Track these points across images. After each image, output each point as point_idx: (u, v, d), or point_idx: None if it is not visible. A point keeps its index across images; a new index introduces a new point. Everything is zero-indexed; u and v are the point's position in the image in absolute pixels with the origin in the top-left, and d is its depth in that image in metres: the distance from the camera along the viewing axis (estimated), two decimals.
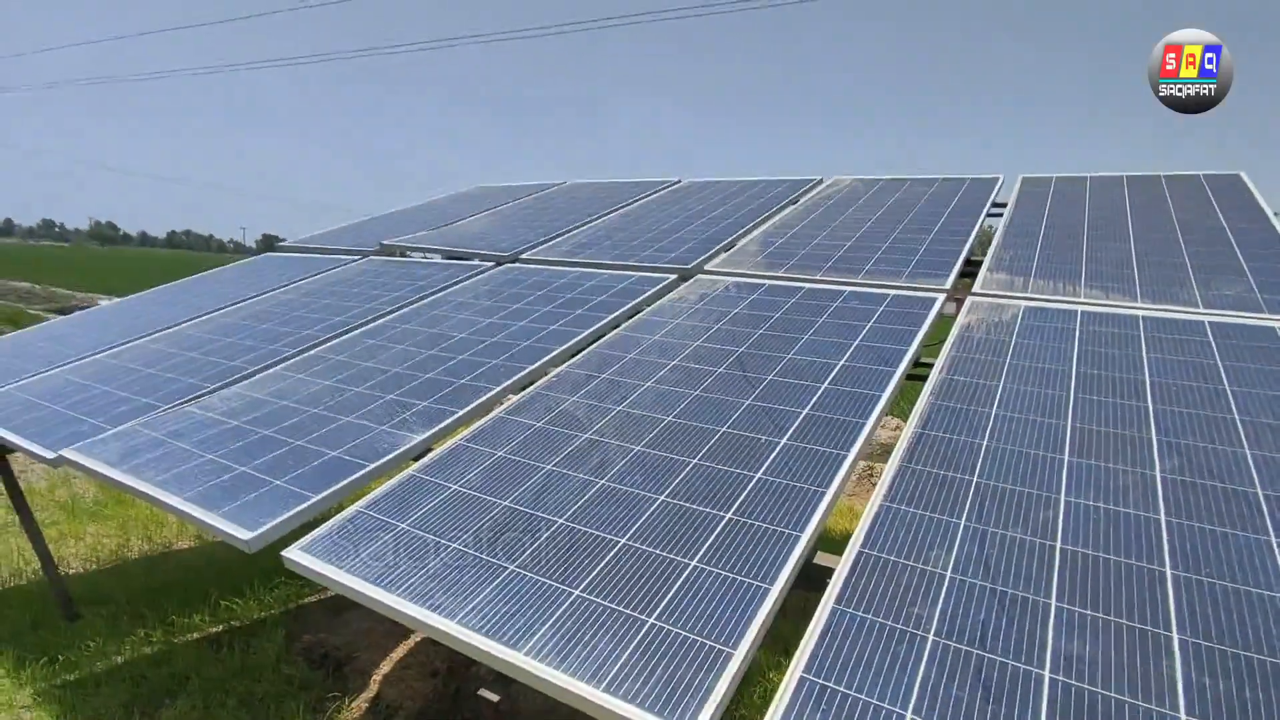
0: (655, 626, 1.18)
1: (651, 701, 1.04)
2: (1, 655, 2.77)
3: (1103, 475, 1.43)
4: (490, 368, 2.29)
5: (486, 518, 1.53)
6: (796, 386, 1.93)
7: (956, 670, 1.04)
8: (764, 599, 1.20)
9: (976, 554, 1.26)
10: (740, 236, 3.38)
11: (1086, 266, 2.54)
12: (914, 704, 0.99)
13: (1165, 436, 1.54)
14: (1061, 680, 1.00)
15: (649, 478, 1.59)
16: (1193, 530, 1.26)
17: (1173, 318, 2.09)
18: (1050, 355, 1.95)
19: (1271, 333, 1.94)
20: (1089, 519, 1.31)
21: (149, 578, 3.50)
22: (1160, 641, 1.05)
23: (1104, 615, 1.10)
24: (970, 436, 1.61)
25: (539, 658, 1.15)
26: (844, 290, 2.59)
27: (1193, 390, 1.70)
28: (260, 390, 2.35)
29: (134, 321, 3.42)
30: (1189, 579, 1.16)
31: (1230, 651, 1.02)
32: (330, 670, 2.80)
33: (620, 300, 2.74)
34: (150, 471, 1.86)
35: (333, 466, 1.79)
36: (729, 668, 1.08)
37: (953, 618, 1.13)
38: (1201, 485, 1.37)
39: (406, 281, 3.42)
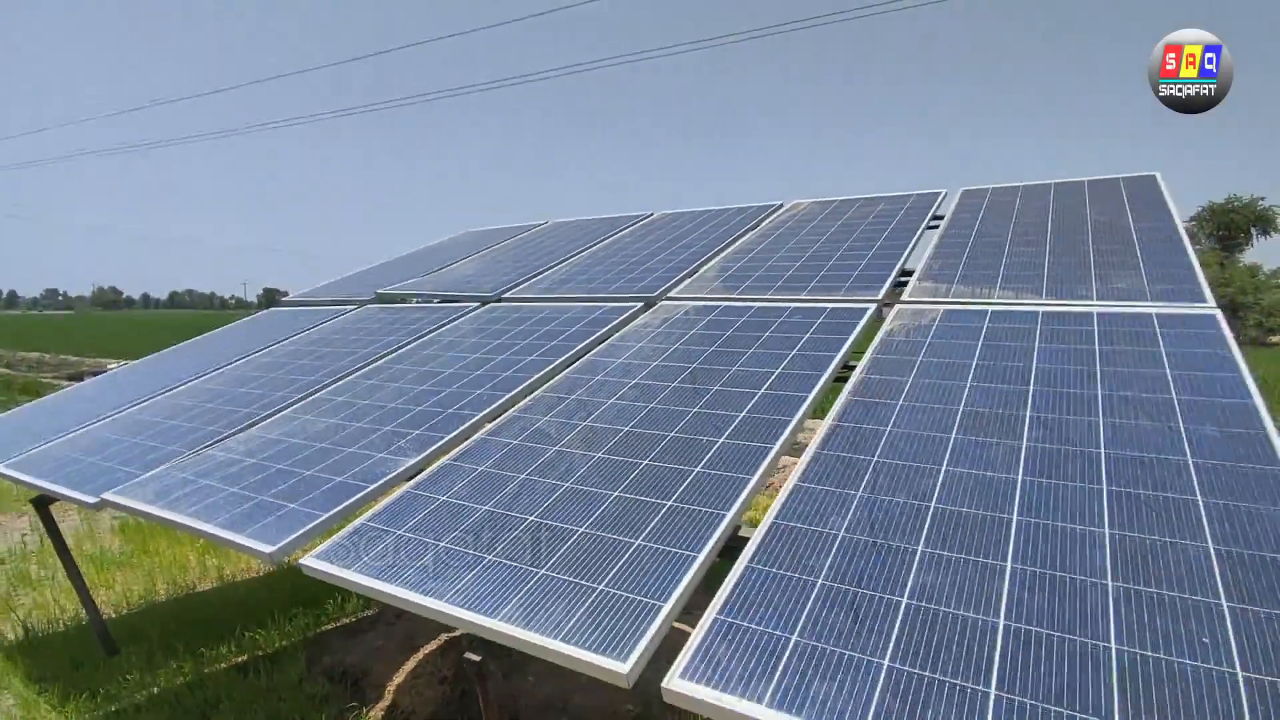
0: (604, 592, 1.46)
1: (598, 646, 1.32)
2: (48, 692, 3.03)
3: (978, 448, 1.71)
4: (474, 397, 2.58)
5: (470, 520, 1.81)
6: (737, 394, 2.22)
7: (835, 603, 1.31)
8: (691, 564, 1.48)
9: (865, 517, 1.53)
10: (702, 264, 3.70)
11: (1004, 271, 2.83)
12: (798, 629, 1.26)
13: (1037, 413, 1.82)
14: (915, 603, 1.28)
15: (606, 478, 1.88)
16: (1043, 485, 1.54)
17: (1068, 311, 2.38)
18: (957, 352, 2.23)
19: (1148, 318, 2.23)
20: (960, 483, 1.59)
21: (177, 617, 3.76)
22: (996, 570, 1.32)
23: (956, 554, 1.38)
24: (876, 424, 1.89)
25: (511, 622, 1.42)
26: (788, 307, 2.89)
27: (1069, 373, 1.99)
28: (273, 432, 2.64)
29: (155, 379, 3.73)
30: (1030, 522, 1.43)
31: (1051, 574, 1.30)
32: (349, 685, 3.05)
33: (590, 329, 3.04)
34: (183, 505, 2.15)
35: (339, 489, 2.08)
36: (658, 616, 1.35)
37: (838, 566, 1.40)
38: (1057, 450, 1.65)
39: (399, 326, 3.74)
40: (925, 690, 1.11)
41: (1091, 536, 1.37)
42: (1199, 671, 1.06)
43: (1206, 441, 1.59)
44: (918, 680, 1.13)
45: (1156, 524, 1.37)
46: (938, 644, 1.19)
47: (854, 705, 1.10)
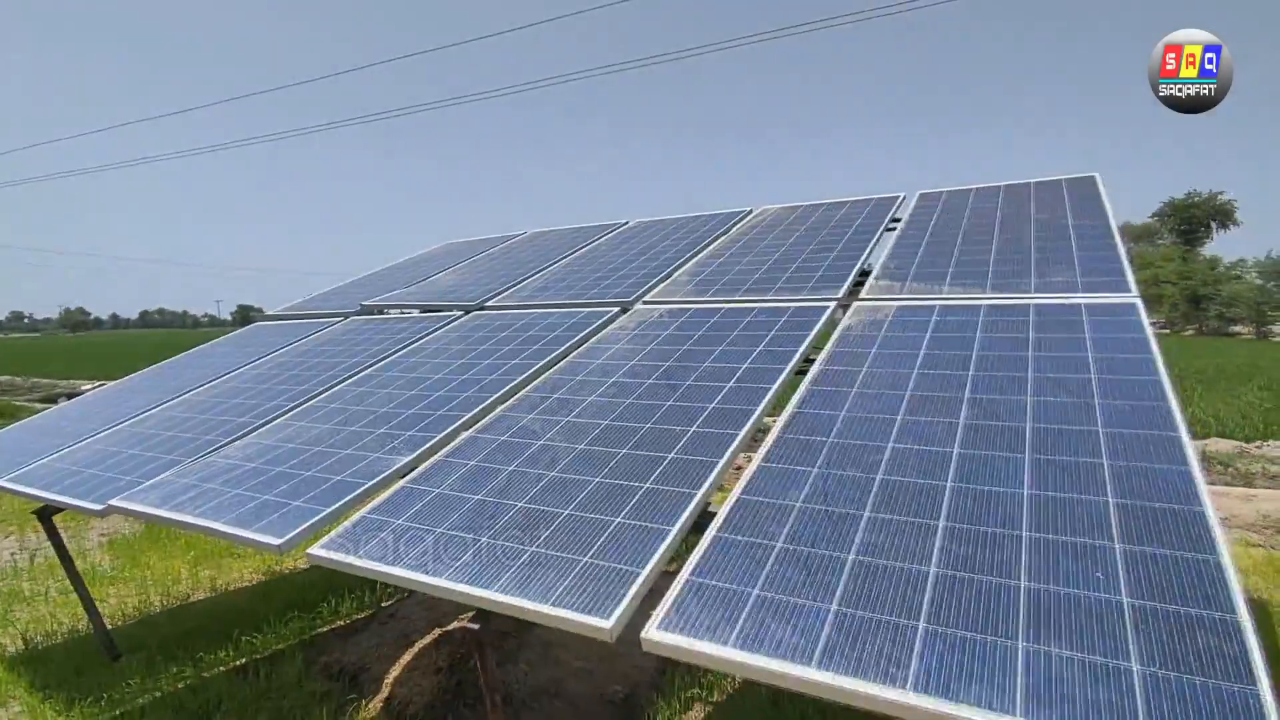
0: (588, 563, 1.63)
1: (584, 608, 1.49)
2: (53, 698, 3.12)
3: (920, 427, 1.91)
4: (462, 399, 2.74)
5: (464, 509, 1.97)
6: (707, 388, 2.40)
7: (789, 562, 1.49)
8: (665, 536, 1.66)
9: (819, 489, 1.72)
10: (675, 269, 3.89)
11: (953, 268, 3.06)
12: (759, 585, 1.44)
13: (973, 394, 2.02)
14: (859, 559, 1.46)
15: (588, 466, 2.05)
16: (972, 456, 1.74)
17: (1008, 304, 2.60)
18: (906, 344, 2.44)
19: (1077, 308, 2.45)
20: (903, 457, 1.79)
21: (174, 626, 3.85)
22: (930, 528, 1.52)
23: (896, 517, 1.57)
24: (831, 410, 2.08)
25: (506, 593, 1.59)
26: (755, 307, 3.09)
27: (1003, 359, 2.20)
28: (270, 438, 2.78)
29: (146, 394, 3.83)
30: (960, 488, 1.63)
31: (975, 529, 1.49)
32: (347, 682, 3.18)
33: (570, 334, 3.21)
34: (190, 507, 2.28)
35: (339, 487, 2.22)
36: (636, 581, 1.53)
37: (794, 531, 1.59)
38: (988, 426, 1.85)
39: (386, 336, 3.88)
40: (865, 627, 1.29)
41: (1012, 497, 1.57)
42: (1092, 599, 1.26)
43: (1116, 413, 1.80)
44: (859, 619, 1.31)
45: (1067, 483, 1.57)
46: (877, 591, 1.37)
47: (805, 641, 1.28)
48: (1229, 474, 6.12)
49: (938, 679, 1.17)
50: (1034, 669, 1.15)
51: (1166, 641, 1.16)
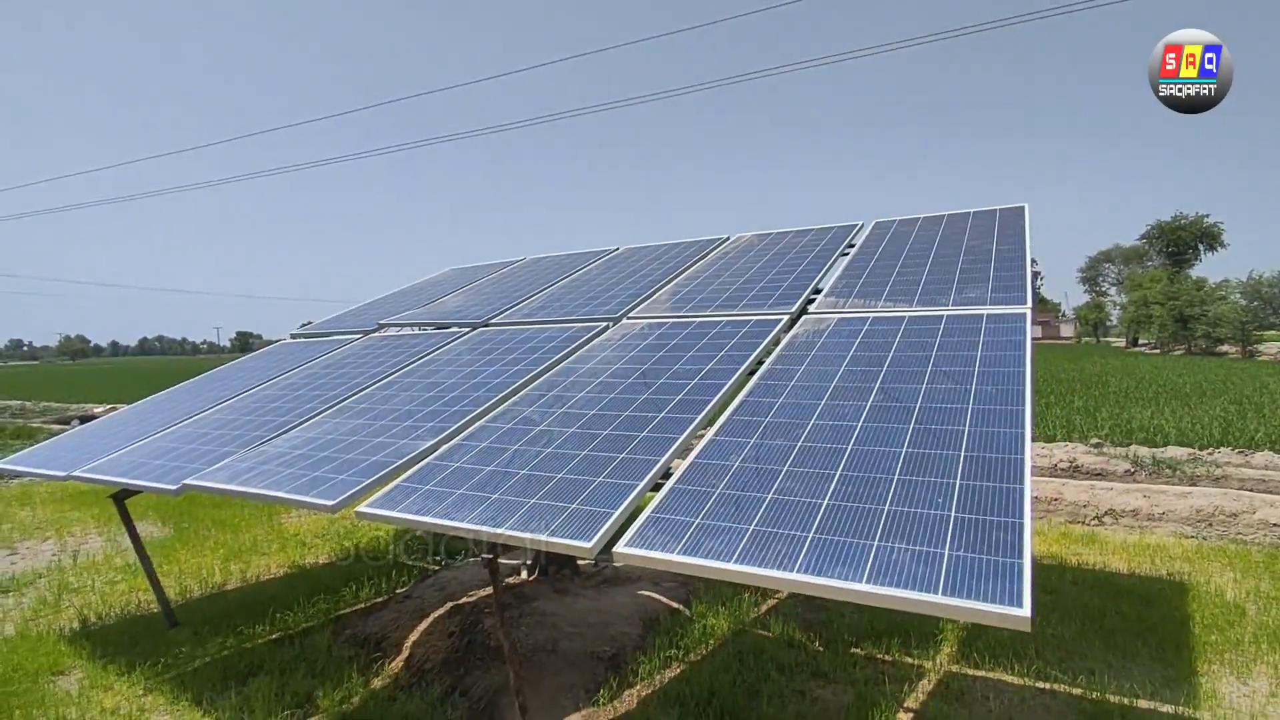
0: (575, 509, 2.14)
1: (572, 536, 2.00)
2: (115, 662, 3.59)
3: (838, 408, 2.43)
4: (473, 398, 3.26)
5: (478, 476, 2.48)
6: (676, 385, 2.93)
7: (724, 502, 2.01)
8: (631, 490, 2.18)
9: (754, 453, 2.24)
10: (657, 289, 4.44)
11: (890, 287, 3.60)
12: (700, 516, 1.96)
13: (883, 384, 2.55)
14: (775, 497, 1.98)
15: (577, 444, 2.57)
16: (872, 428, 2.26)
17: (927, 315, 3.14)
18: (839, 347, 2.97)
19: (980, 318, 2.99)
20: (821, 430, 2.31)
21: (213, 607, 4.32)
22: (830, 476, 2.03)
23: (808, 469, 2.09)
24: (771, 398, 2.61)
25: (510, 529, 2.10)
26: (722, 320, 3.63)
27: (913, 358, 2.73)
28: (312, 432, 3.30)
29: (189, 403, 4.35)
30: (859, 449, 2.15)
31: (862, 475, 2.01)
32: (370, 648, 3.65)
33: (564, 345, 3.75)
34: (255, 483, 2.79)
35: (376, 464, 2.73)
36: (610, 518, 2.04)
37: (732, 482, 2.11)
38: (888, 406, 2.38)
39: (403, 350, 4.41)
40: (772, 538, 1.81)
41: (893, 454, 2.09)
42: (930, 515, 1.78)
43: (984, 395, 2.33)
44: (768, 534, 1.83)
45: (934, 443, 2.10)
46: (785, 516, 1.89)
47: (727, 548, 1.80)
48: (1175, 476, 6.62)
49: (817, 566, 1.68)
50: (880, 556, 1.67)
51: (973, 536, 1.67)
